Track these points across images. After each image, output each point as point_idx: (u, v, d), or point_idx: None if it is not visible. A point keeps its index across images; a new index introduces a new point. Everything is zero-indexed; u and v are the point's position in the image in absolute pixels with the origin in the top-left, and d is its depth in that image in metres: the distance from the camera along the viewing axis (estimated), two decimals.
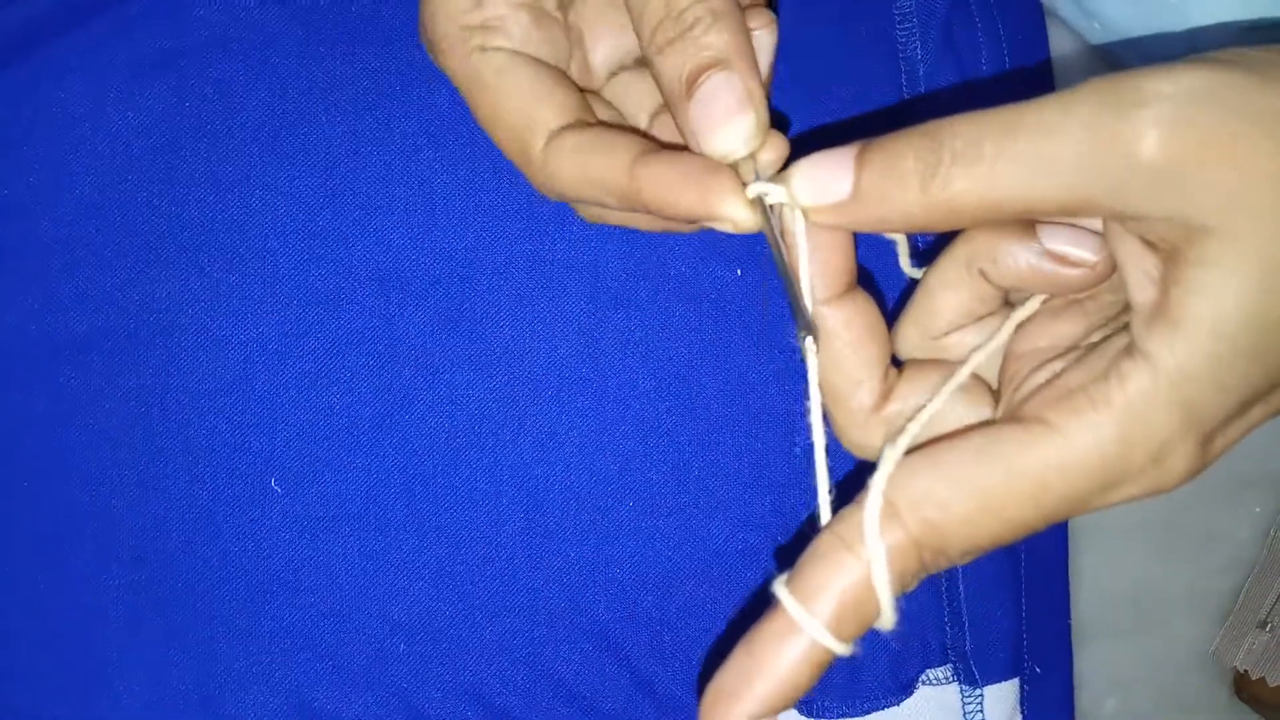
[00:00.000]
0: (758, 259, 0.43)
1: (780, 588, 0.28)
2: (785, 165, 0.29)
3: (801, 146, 0.30)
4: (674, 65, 0.30)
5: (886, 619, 0.27)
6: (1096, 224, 0.29)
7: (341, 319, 0.41)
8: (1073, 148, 0.25)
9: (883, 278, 0.42)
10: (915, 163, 0.26)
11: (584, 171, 0.31)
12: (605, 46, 0.35)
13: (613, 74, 0.35)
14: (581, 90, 0.34)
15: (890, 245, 0.34)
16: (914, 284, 0.33)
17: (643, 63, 0.36)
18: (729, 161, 0.29)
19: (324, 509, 0.41)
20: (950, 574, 0.45)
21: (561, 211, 0.41)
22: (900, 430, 0.29)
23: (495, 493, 0.41)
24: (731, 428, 0.42)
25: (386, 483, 0.41)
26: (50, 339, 0.41)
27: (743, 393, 0.43)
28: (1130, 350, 0.26)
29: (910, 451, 0.28)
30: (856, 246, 0.30)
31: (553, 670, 0.41)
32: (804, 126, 0.43)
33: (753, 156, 0.30)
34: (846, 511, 0.28)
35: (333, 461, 0.41)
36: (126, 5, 0.42)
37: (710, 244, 0.42)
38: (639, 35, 0.31)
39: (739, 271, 0.43)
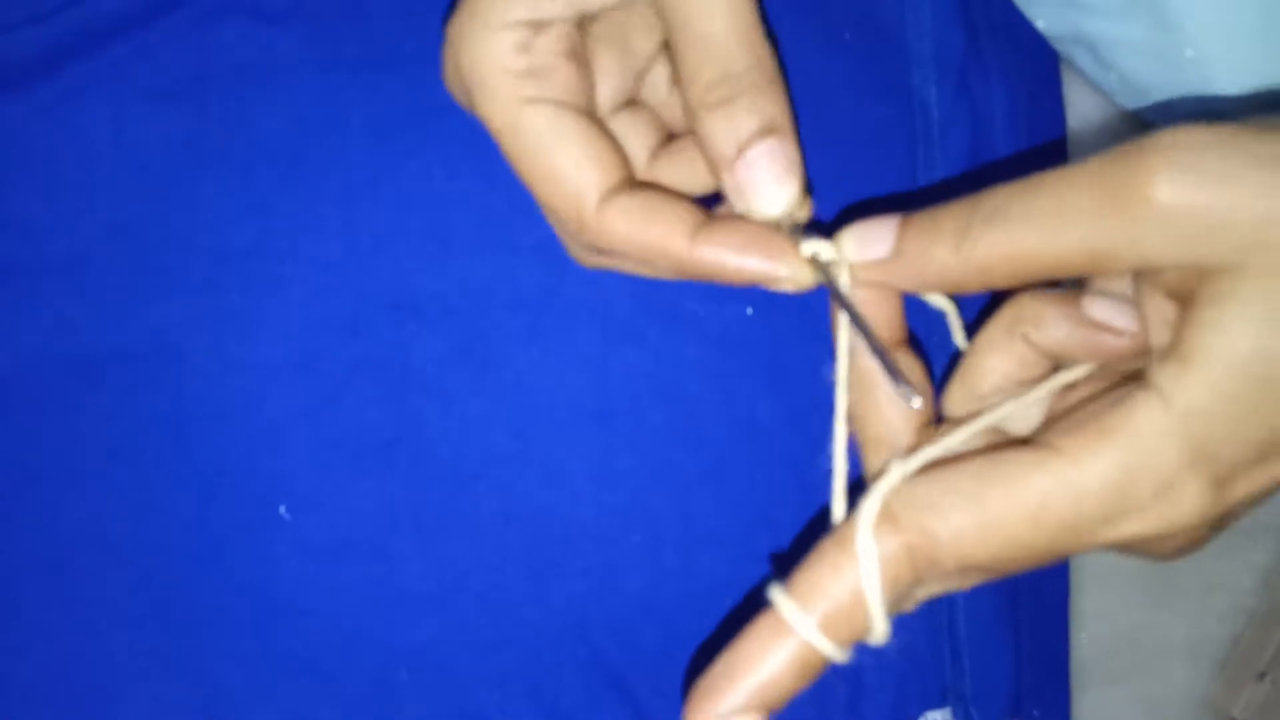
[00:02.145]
0: (769, 298, 0.43)
1: (775, 587, 0.28)
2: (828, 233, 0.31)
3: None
4: (725, 127, 0.31)
5: (878, 627, 0.27)
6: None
7: (354, 346, 0.41)
8: (1087, 198, 0.26)
9: (935, 353, 0.43)
10: (951, 224, 0.28)
11: (640, 237, 0.32)
12: (611, 83, 0.35)
13: (615, 110, 0.36)
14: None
15: (944, 320, 0.35)
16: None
17: (637, 103, 0.36)
18: (771, 222, 0.31)
19: (332, 536, 0.41)
20: (951, 615, 0.45)
21: None
22: (914, 450, 0.29)
23: (502, 524, 0.41)
24: (739, 465, 0.43)
25: (394, 511, 0.41)
26: (62, 360, 0.41)
27: (751, 430, 0.43)
28: (1143, 384, 0.26)
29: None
30: (906, 313, 0.32)
31: (555, 702, 0.41)
32: (816, 168, 0.43)
33: (791, 217, 0.32)
34: (850, 518, 0.28)
35: (342, 489, 0.41)
36: (148, 30, 0.42)
37: None
38: (687, 88, 0.31)
39: (749, 310, 0.43)
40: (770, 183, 0.31)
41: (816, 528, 0.41)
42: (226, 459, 0.41)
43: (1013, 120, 0.45)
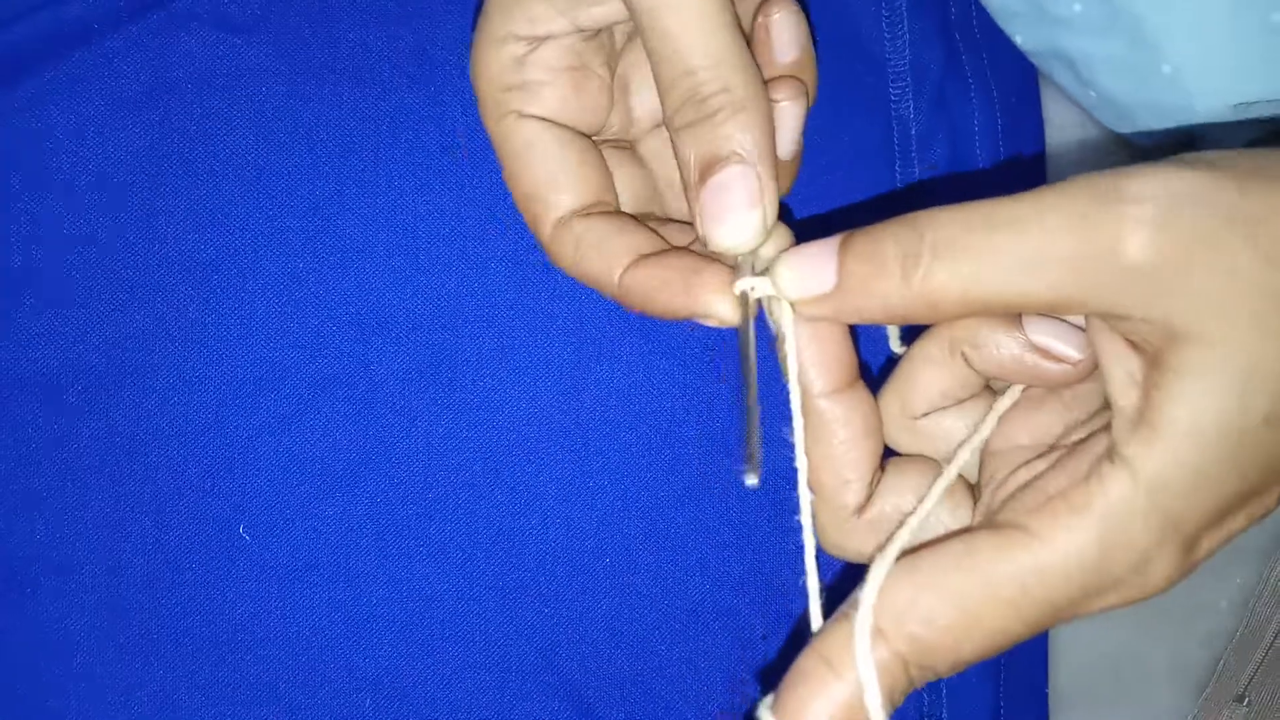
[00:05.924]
0: None
1: (765, 713, 0.27)
2: None
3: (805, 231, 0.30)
4: (690, 149, 0.30)
5: None
6: (1081, 319, 0.29)
7: (318, 363, 0.40)
8: (1058, 245, 0.25)
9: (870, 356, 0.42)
10: (896, 251, 0.26)
11: (579, 267, 0.32)
12: (650, 97, 0.35)
13: (657, 125, 0.35)
14: (616, 146, 0.35)
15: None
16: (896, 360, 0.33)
17: None
18: (731, 254, 0.30)
19: (293, 558, 0.40)
20: None
21: (547, 261, 0.41)
22: (890, 539, 0.28)
23: (469, 546, 0.40)
24: (713, 486, 0.42)
25: (358, 533, 0.40)
26: (18, 375, 0.40)
27: (726, 451, 0.42)
28: (1110, 455, 0.26)
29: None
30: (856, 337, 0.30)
31: None
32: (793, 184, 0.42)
33: (752, 251, 0.30)
34: (830, 627, 0.27)
35: (304, 510, 0.40)
36: (109, 37, 0.41)
37: None
38: (662, 104, 0.30)
39: None
40: (728, 212, 0.29)
41: (792, 645, 0.40)
42: (185, 478, 0.40)
43: (992, 135, 0.45)
